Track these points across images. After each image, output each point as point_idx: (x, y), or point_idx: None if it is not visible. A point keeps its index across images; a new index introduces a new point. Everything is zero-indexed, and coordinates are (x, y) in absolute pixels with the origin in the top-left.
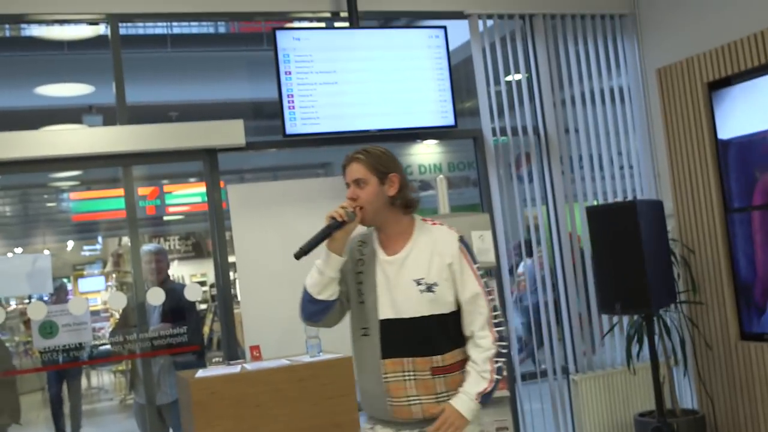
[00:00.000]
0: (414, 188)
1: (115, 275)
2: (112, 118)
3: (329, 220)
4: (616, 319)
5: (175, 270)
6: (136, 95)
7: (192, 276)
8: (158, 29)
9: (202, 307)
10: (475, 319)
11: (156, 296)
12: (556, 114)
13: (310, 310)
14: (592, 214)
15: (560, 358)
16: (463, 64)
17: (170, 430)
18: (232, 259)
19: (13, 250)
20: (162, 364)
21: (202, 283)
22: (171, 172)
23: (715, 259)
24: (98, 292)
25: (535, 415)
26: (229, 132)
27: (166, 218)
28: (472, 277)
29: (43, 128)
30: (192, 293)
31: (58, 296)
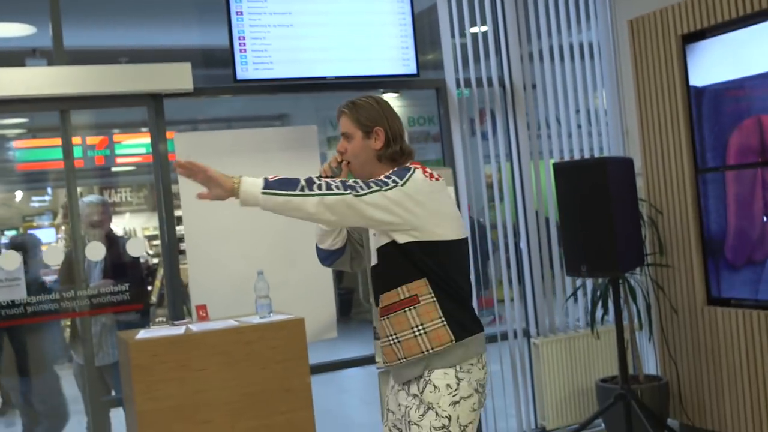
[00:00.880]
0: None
1: (64, 227)
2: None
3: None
4: (580, 281)
5: (127, 223)
6: (81, 39)
7: (144, 229)
8: None
9: (155, 261)
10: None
11: (96, 251)
12: (523, 68)
13: (319, 255)
14: (560, 171)
15: (521, 320)
16: (427, 12)
17: (113, 393)
18: (179, 213)
19: None
20: (104, 323)
21: (155, 237)
22: (121, 121)
23: (684, 221)
24: (48, 245)
25: (494, 377)
26: (176, 75)
27: (115, 169)
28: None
29: None
30: (134, 248)
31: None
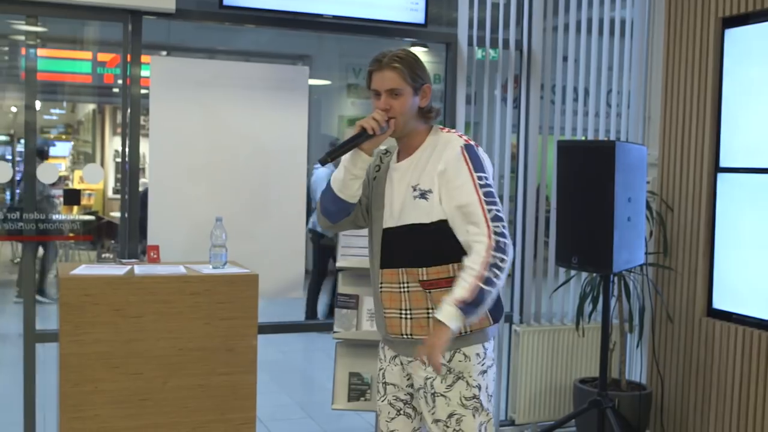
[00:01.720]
0: None
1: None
2: None
3: (359, 129)
4: (574, 271)
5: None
6: None
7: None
8: None
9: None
10: (467, 229)
11: (47, 173)
12: (545, 36)
13: (330, 208)
14: (564, 150)
15: (505, 304)
16: None
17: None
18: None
19: None
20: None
21: None
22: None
23: (695, 222)
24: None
25: None
26: None
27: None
28: (470, 185)
29: None
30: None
31: None
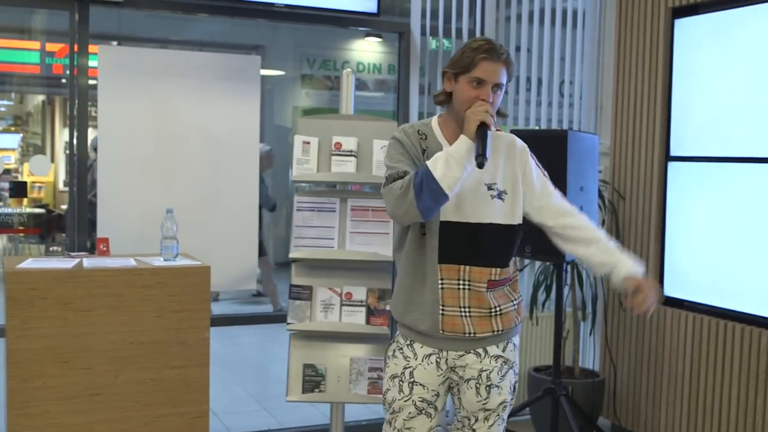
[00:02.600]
0: None
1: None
2: None
3: (477, 124)
4: (526, 260)
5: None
6: None
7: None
8: None
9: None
10: (565, 205)
11: None
12: (498, 27)
13: (433, 207)
14: None
15: None
16: None
17: None
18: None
19: None
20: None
21: None
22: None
23: (647, 211)
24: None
25: None
26: None
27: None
28: (546, 181)
29: None
30: None
31: None
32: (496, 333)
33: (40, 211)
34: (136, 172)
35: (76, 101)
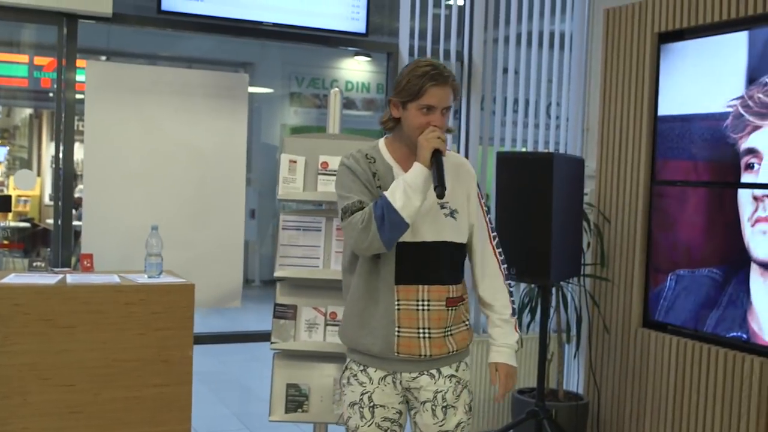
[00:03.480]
0: None
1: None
2: None
3: (431, 151)
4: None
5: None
6: None
7: None
8: None
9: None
10: (489, 262)
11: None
12: (486, 49)
13: (395, 238)
14: (503, 162)
15: None
16: None
17: None
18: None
19: None
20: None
21: None
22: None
23: (631, 234)
24: None
25: None
26: None
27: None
28: (483, 216)
29: None
30: None
31: None
32: (450, 353)
33: (25, 225)
34: (122, 188)
35: (63, 115)
